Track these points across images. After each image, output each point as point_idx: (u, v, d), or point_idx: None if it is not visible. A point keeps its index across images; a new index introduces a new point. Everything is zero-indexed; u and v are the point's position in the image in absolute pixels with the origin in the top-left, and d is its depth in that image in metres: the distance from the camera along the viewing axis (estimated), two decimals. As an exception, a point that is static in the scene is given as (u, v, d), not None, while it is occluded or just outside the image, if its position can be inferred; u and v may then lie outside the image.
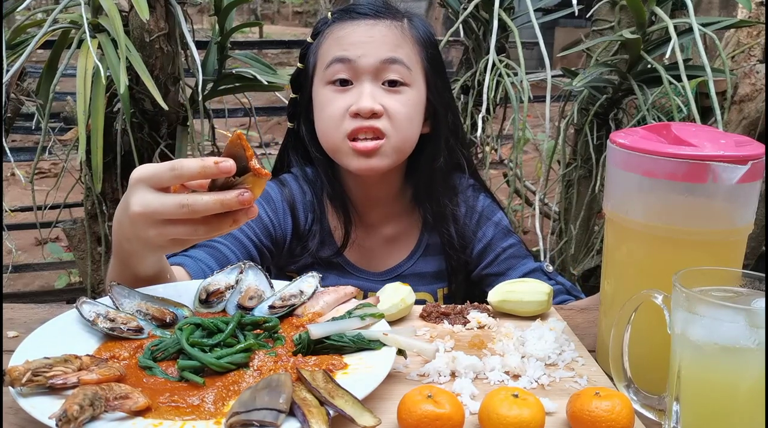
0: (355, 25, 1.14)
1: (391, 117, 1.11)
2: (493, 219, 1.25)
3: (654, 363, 0.78)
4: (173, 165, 0.77)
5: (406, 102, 1.12)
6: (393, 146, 1.12)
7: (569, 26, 7.04)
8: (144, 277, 0.93)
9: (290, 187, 1.22)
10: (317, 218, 1.22)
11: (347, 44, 1.12)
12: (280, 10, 13.55)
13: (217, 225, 0.80)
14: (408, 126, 1.13)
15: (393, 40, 1.13)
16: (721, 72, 1.57)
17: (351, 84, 1.12)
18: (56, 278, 3.19)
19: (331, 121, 1.12)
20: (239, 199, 0.77)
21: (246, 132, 2.53)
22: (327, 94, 1.13)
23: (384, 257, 1.26)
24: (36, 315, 0.98)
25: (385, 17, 1.15)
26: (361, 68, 1.11)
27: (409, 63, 1.13)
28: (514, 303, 0.99)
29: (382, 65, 1.11)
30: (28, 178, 1.79)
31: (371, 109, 1.09)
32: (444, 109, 1.20)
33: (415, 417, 0.68)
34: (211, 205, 0.77)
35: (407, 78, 1.13)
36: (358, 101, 1.10)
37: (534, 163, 3.12)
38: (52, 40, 1.71)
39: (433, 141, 1.20)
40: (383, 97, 1.11)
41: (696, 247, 0.79)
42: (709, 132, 0.85)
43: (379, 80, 1.12)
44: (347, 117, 1.11)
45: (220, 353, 0.78)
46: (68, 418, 0.62)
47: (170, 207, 0.78)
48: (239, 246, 1.13)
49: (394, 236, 1.26)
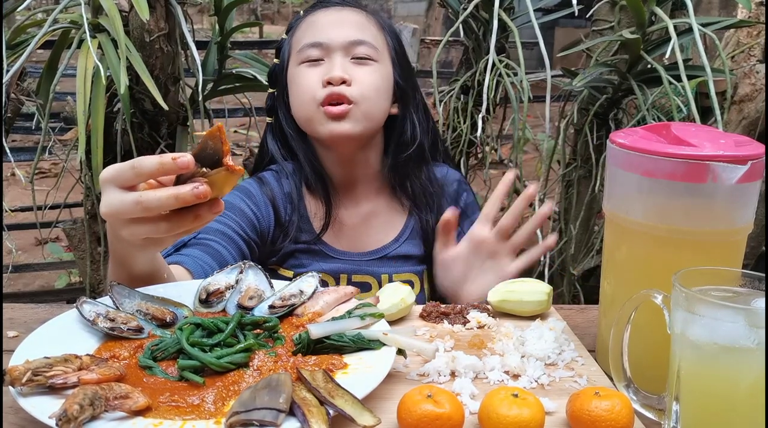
0: (325, 11, 1.25)
1: (360, 85, 1.18)
2: (472, 218, 1.28)
3: (654, 363, 0.78)
4: (133, 163, 0.77)
5: (372, 73, 1.20)
6: (363, 112, 1.18)
7: (569, 26, 7.04)
8: (139, 276, 0.93)
9: (269, 183, 1.26)
10: (295, 207, 1.25)
11: (318, 28, 1.22)
12: (280, 10, 13.55)
13: (178, 221, 0.79)
14: (376, 95, 1.20)
15: (359, 22, 1.23)
16: (721, 72, 1.57)
17: (323, 61, 1.20)
18: (56, 278, 3.19)
19: (305, 92, 1.20)
20: (194, 192, 0.74)
21: (246, 132, 2.54)
22: (301, 70, 1.22)
23: (367, 237, 1.28)
24: (36, 315, 0.98)
25: (351, 6, 1.26)
26: (331, 47, 1.19)
27: (375, 43, 1.22)
28: (513, 303, 0.99)
29: (351, 45, 1.20)
30: (28, 178, 1.79)
31: (341, 77, 1.16)
32: (410, 88, 1.28)
33: (415, 417, 0.68)
34: (164, 201, 0.75)
35: (374, 55, 1.21)
36: (330, 71, 1.17)
37: (534, 163, 3.12)
38: (52, 40, 1.71)
39: (400, 120, 1.28)
40: (352, 68, 1.19)
41: (696, 247, 0.79)
42: (709, 132, 0.85)
43: (348, 56, 1.20)
44: (320, 86, 1.18)
45: (220, 353, 0.78)
46: (68, 418, 0.62)
47: (127, 205, 0.77)
48: (230, 241, 1.15)
49: (374, 213, 1.29)
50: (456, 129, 1.99)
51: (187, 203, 0.76)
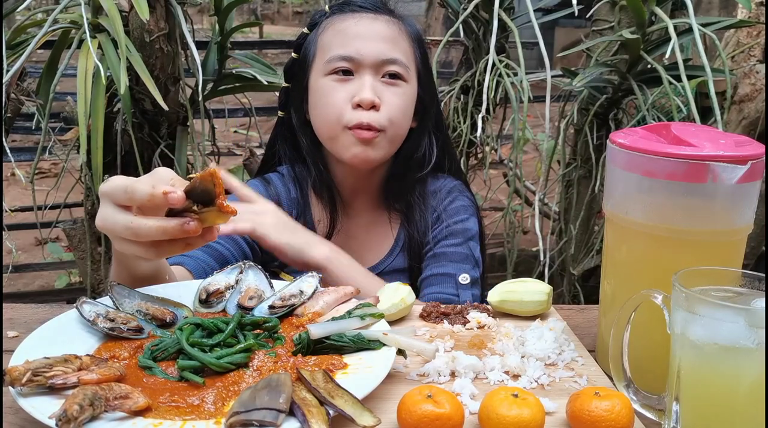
0: (357, 18, 1.18)
1: (389, 109, 1.15)
2: (447, 221, 1.25)
3: (653, 363, 0.78)
4: (126, 187, 0.77)
5: (401, 95, 1.17)
6: (389, 138, 1.17)
7: (569, 26, 7.04)
8: (141, 277, 0.93)
9: (275, 186, 1.25)
10: (301, 212, 1.24)
11: (350, 38, 1.16)
12: (280, 10, 13.56)
13: (167, 248, 0.81)
14: (402, 118, 1.18)
15: (392, 36, 1.18)
16: (721, 72, 1.57)
17: (352, 75, 1.16)
18: (56, 278, 3.19)
19: (332, 112, 1.15)
20: (183, 227, 0.77)
21: (246, 132, 2.54)
22: (328, 83, 1.17)
23: (367, 250, 1.26)
24: (36, 315, 0.98)
25: (384, 13, 1.20)
26: (363, 63, 1.15)
27: (406, 61, 1.18)
28: (513, 303, 0.99)
29: (383, 63, 1.16)
30: (28, 178, 1.79)
31: (372, 101, 1.13)
32: (433, 104, 1.25)
33: (415, 417, 0.68)
34: (153, 232, 0.77)
35: (405, 75, 1.18)
36: (360, 92, 1.14)
37: (534, 163, 3.12)
38: (52, 40, 1.71)
39: (417, 135, 1.25)
40: (383, 90, 1.16)
41: (696, 247, 0.79)
42: (709, 132, 0.85)
43: (379, 74, 1.16)
44: (349, 107, 1.14)
45: (220, 353, 0.78)
46: (68, 418, 0.62)
47: (118, 227, 0.78)
48: (233, 243, 1.15)
49: (373, 223, 1.28)
50: (456, 129, 1.99)
51: (175, 237, 0.78)
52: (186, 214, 0.78)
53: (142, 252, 0.80)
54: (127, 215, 0.78)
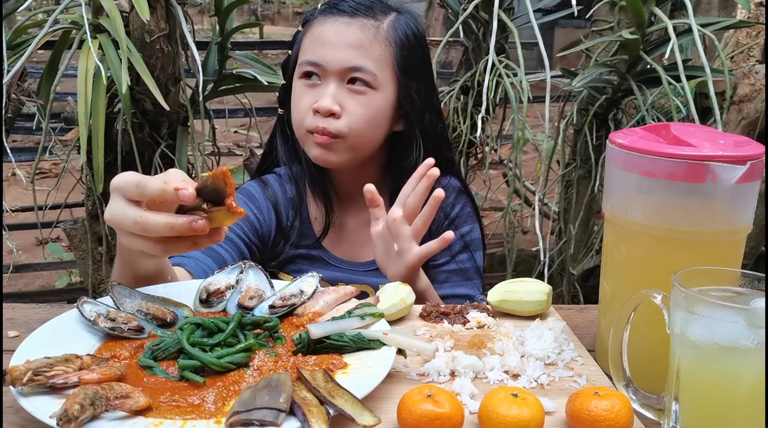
0: (332, 22, 1.19)
1: (350, 117, 1.16)
2: (461, 230, 1.26)
3: (653, 363, 0.78)
4: (138, 181, 0.78)
5: (366, 104, 1.17)
6: (349, 145, 1.17)
7: (569, 27, 7.04)
8: (145, 275, 0.94)
9: (272, 186, 1.27)
10: (297, 211, 1.25)
11: (319, 44, 1.18)
12: (281, 10, 13.54)
13: (174, 246, 0.81)
14: (367, 127, 1.18)
15: (362, 43, 1.16)
16: (720, 72, 1.57)
17: (319, 81, 1.18)
18: (57, 278, 3.19)
19: (298, 114, 1.20)
20: (191, 225, 0.77)
21: (246, 132, 2.54)
22: (299, 87, 1.20)
23: (365, 246, 1.26)
24: (37, 315, 0.98)
25: (362, 16, 1.18)
26: (327, 71, 1.16)
27: (375, 68, 1.16)
28: (513, 303, 0.99)
29: (347, 71, 1.16)
30: (29, 178, 1.79)
31: (329, 109, 1.15)
32: (414, 110, 1.21)
33: (415, 417, 0.68)
34: (161, 228, 0.77)
35: (372, 82, 1.17)
36: (320, 100, 1.15)
37: (533, 163, 3.12)
38: (52, 41, 1.71)
39: (405, 139, 1.24)
40: (345, 97, 1.16)
41: (695, 247, 0.79)
42: (708, 132, 0.85)
43: (343, 81, 1.17)
44: (310, 113, 1.17)
45: (221, 353, 0.78)
46: (69, 417, 0.62)
47: (127, 221, 0.79)
48: (232, 245, 1.16)
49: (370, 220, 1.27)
50: (456, 129, 1.99)
51: (182, 234, 0.78)
52: (195, 213, 0.78)
53: (149, 248, 0.80)
54: (137, 210, 0.78)
